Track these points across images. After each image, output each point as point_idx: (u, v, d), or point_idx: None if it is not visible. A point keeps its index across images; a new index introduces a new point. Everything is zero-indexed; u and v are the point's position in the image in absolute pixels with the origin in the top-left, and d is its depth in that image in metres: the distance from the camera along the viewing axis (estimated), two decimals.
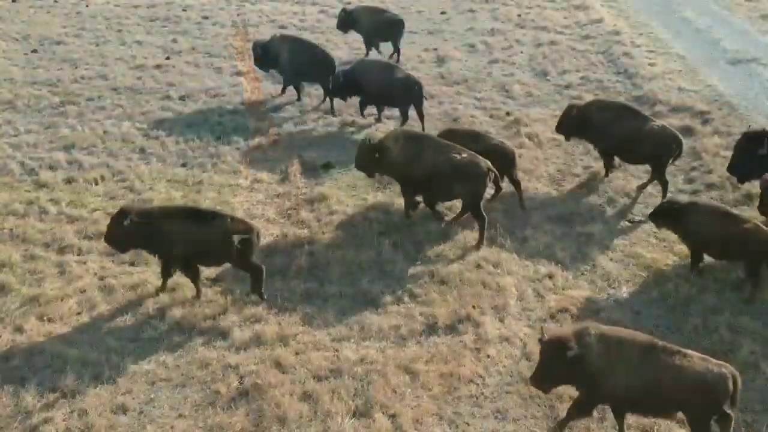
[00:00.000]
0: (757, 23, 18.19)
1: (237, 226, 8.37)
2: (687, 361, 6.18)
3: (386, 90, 12.79)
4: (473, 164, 9.45)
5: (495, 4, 20.31)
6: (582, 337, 6.30)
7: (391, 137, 10.08)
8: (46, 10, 20.33)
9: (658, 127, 10.67)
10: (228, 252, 8.33)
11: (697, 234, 8.73)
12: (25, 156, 12.21)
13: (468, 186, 9.47)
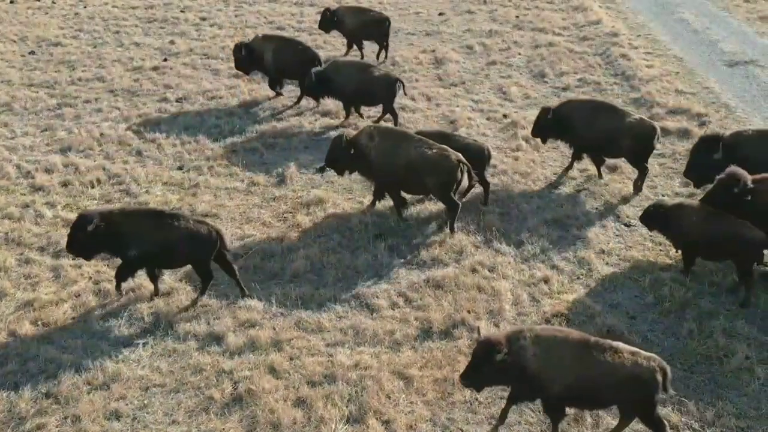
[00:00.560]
0: (755, 24, 18.18)
1: (199, 227, 8.35)
2: (618, 357, 6.34)
3: (367, 89, 12.80)
4: (444, 157, 9.58)
5: (493, 6, 20.32)
6: (516, 340, 6.40)
7: (365, 133, 10.12)
8: (44, 11, 20.38)
9: (636, 120, 10.82)
10: (189, 254, 8.37)
11: (687, 235, 8.73)
12: (22, 159, 12.20)
13: (439, 179, 9.60)
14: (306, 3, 20.77)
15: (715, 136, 9.81)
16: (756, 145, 9.59)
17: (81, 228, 8.15)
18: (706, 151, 9.69)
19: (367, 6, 18.04)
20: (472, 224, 10.16)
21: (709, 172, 9.47)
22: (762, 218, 8.45)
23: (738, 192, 8.40)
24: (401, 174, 9.80)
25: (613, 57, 16.19)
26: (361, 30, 16.16)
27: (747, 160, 9.12)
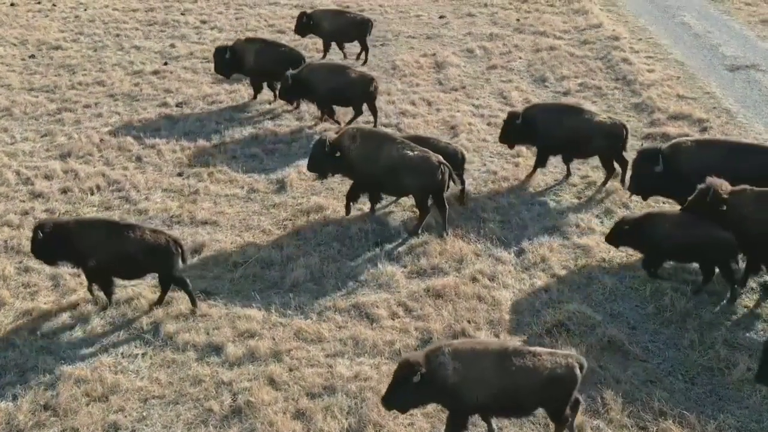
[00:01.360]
0: (756, 28, 18.15)
1: (157, 238, 8.35)
2: (538, 360, 6.41)
3: (342, 90, 12.84)
4: (425, 159, 9.69)
5: (494, 8, 20.30)
6: (435, 358, 6.37)
7: (347, 135, 10.16)
8: (44, 14, 20.35)
9: (606, 119, 11.06)
10: (148, 264, 8.40)
11: (660, 244, 8.72)
12: (21, 165, 12.18)
13: (419, 180, 9.73)
14: (306, 5, 20.69)
15: (654, 148, 9.79)
16: (695, 155, 9.55)
17: (36, 235, 8.31)
18: (646, 164, 9.67)
19: (344, 8, 18.08)
20: (473, 232, 10.14)
21: (653, 184, 9.61)
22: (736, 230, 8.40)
23: (712, 202, 8.36)
24: (382, 175, 9.85)
25: (614, 61, 16.16)
26: (341, 32, 16.19)
27: (687, 171, 9.23)
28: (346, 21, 16.24)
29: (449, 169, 9.84)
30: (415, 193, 10.02)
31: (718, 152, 9.53)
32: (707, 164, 9.14)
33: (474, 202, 10.92)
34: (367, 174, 10.02)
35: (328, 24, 16.17)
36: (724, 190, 8.43)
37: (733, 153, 9.51)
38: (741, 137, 12.11)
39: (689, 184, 8.97)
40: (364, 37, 16.26)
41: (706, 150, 9.63)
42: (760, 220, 8.31)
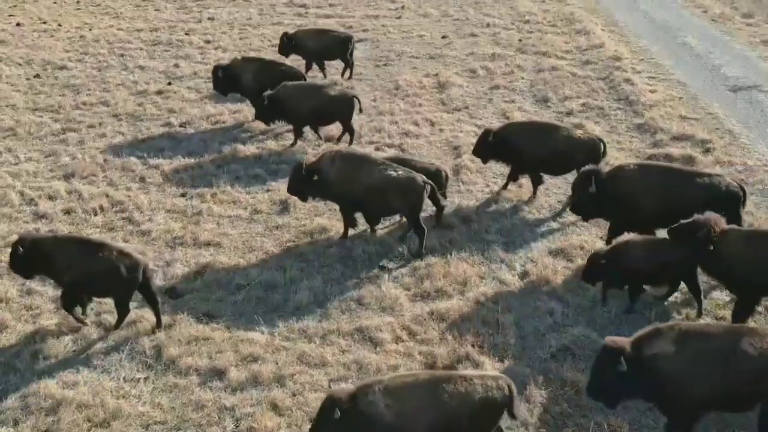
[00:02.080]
0: (758, 49, 18.23)
1: (123, 259, 8.36)
2: (470, 384, 6.37)
3: (324, 109, 12.98)
4: (409, 179, 9.77)
5: (496, 29, 20.43)
6: (364, 396, 6.23)
7: (326, 158, 10.18)
8: (49, 34, 20.53)
9: (584, 136, 11.30)
10: (115, 284, 8.40)
11: (638, 270, 8.65)
12: (25, 185, 12.19)
13: (406, 200, 9.79)
14: (310, 26, 20.85)
15: (590, 171, 9.78)
16: (634, 179, 9.55)
17: (15, 250, 8.44)
18: (584, 185, 9.72)
19: (327, 27, 18.31)
20: (477, 254, 10.11)
21: (591, 205, 9.71)
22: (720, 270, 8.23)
23: (702, 239, 8.08)
24: (364, 197, 9.89)
25: (616, 81, 16.22)
26: (325, 51, 16.36)
27: (626, 194, 9.39)
28: (330, 39, 16.43)
29: (434, 188, 9.95)
30: (402, 213, 10.11)
31: (658, 177, 9.55)
32: (645, 188, 9.34)
33: (477, 223, 10.90)
34: (348, 196, 10.04)
35: (312, 43, 16.39)
36: (717, 230, 8.12)
37: (672, 178, 9.52)
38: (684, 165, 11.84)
39: (627, 206, 9.36)
40: (348, 55, 16.42)
41: (647, 174, 9.62)
42: (747, 261, 8.00)
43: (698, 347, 6.50)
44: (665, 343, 6.51)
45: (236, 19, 21.74)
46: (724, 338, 6.59)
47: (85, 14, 22.55)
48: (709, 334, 6.66)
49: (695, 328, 6.80)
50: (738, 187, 9.46)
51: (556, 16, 21.48)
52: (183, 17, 21.99)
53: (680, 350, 6.47)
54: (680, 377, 6.47)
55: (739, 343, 6.49)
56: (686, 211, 8.94)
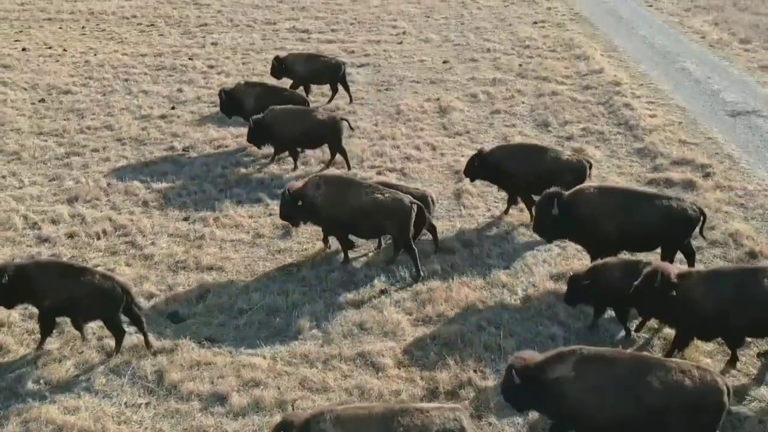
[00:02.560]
0: (756, 74, 18.41)
1: (105, 283, 8.44)
2: (426, 416, 6.32)
3: (312, 133, 13.18)
4: (397, 201, 9.90)
5: (496, 54, 20.65)
6: (315, 424, 6.23)
7: (311, 184, 10.33)
8: (54, 59, 20.74)
9: (572, 157, 11.53)
10: (96, 308, 8.49)
11: (620, 289, 8.51)
12: (29, 209, 12.25)
13: (395, 222, 9.90)
14: (312, 50, 21.09)
15: (552, 193, 9.86)
16: (593, 201, 9.66)
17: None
18: (546, 207, 9.81)
19: (318, 52, 18.60)
20: (478, 278, 10.13)
21: (554, 227, 9.83)
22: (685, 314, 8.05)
23: (660, 288, 7.91)
24: (352, 220, 10.02)
25: (615, 106, 16.36)
26: (315, 75, 16.61)
27: (585, 216, 9.55)
28: (320, 64, 16.63)
29: (421, 209, 10.07)
30: (392, 235, 10.21)
31: (617, 200, 9.65)
32: (605, 211, 9.47)
33: (479, 248, 10.93)
34: (336, 219, 10.17)
35: (301, 67, 16.63)
36: (673, 275, 7.97)
37: (631, 201, 9.62)
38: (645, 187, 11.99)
39: (588, 229, 9.56)
40: (337, 80, 16.63)
41: (606, 197, 9.73)
42: (709, 302, 7.88)
43: (598, 373, 6.59)
44: (566, 367, 6.61)
45: (239, 44, 22.00)
46: (626, 366, 6.64)
47: (90, 39, 22.81)
48: (611, 360, 6.70)
49: (597, 353, 6.82)
50: (697, 210, 9.58)
51: (555, 42, 21.73)
52: (187, 42, 22.25)
53: (580, 375, 6.56)
54: (579, 402, 6.56)
55: (642, 372, 6.54)
56: (646, 234, 9.30)
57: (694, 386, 6.45)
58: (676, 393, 6.42)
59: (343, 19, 24.74)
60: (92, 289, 8.41)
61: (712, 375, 6.59)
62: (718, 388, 6.50)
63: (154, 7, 26.87)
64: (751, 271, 8.12)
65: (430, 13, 25.56)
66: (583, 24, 24.06)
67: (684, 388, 6.43)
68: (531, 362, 6.77)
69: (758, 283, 7.82)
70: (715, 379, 6.54)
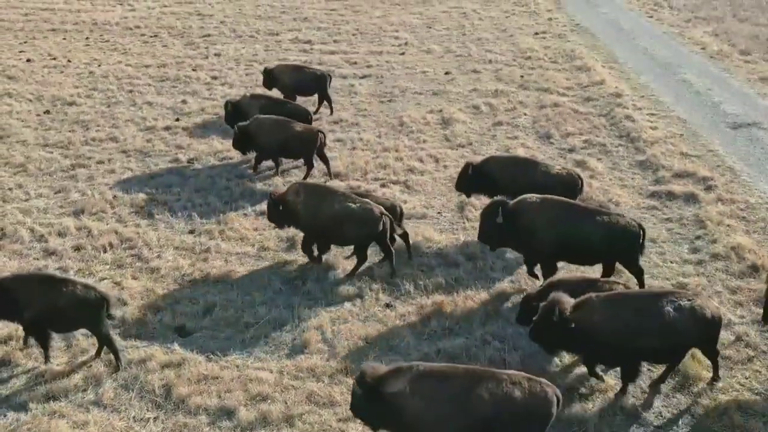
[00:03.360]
0: (756, 86, 18.53)
1: (88, 293, 8.57)
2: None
3: (289, 143, 13.56)
4: (368, 210, 10.32)
5: (498, 65, 20.78)
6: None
7: (291, 190, 10.83)
8: (59, 70, 20.87)
9: (562, 170, 11.55)
10: (78, 319, 8.64)
11: None
12: (35, 222, 12.33)
13: (363, 230, 10.35)
14: (315, 61, 21.23)
15: (496, 201, 10.04)
16: (535, 211, 9.82)
17: None
18: (491, 215, 9.95)
19: (304, 63, 18.87)
20: (482, 291, 10.20)
21: (498, 236, 9.97)
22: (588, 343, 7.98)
23: (558, 321, 7.89)
24: (327, 226, 10.46)
25: (617, 118, 16.47)
26: (301, 87, 16.87)
27: (527, 226, 9.71)
28: (305, 76, 16.89)
29: (391, 220, 10.40)
30: (355, 242, 10.59)
31: (557, 212, 9.80)
32: (545, 222, 9.67)
33: (483, 261, 11.01)
34: (314, 226, 10.61)
35: (288, 79, 16.91)
36: (568, 306, 7.92)
37: (571, 215, 9.77)
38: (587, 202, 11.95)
39: (528, 239, 9.75)
40: (324, 91, 16.88)
41: (547, 209, 9.86)
42: (607, 328, 7.83)
43: (432, 388, 6.75)
44: (402, 382, 6.77)
45: (242, 55, 22.13)
46: (458, 380, 6.79)
47: (94, 50, 22.95)
48: (444, 375, 6.86)
49: (432, 369, 6.98)
50: (637, 226, 9.71)
51: (556, 53, 21.87)
52: (190, 53, 22.39)
53: (414, 390, 6.71)
54: (414, 416, 6.73)
55: (474, 386, 6.70)
56: (584, 248, 9.49)
57: (522, 397, 6.67)
58: (505, 403, 6.63)
59: (345, 30, 24.90)
60: (74, 300, 8.53)
61: (542, 386, 6.80)
62: (546, 398, 6.74)
63: (157, 17, 27.04)
64: (653, 296, 8.09)
65: (432, 24, 25.72)
66: (583, 35, 24.21)
67: (513, 399, 6.64)
68: (373, 375, 6.92)
69: (658, 309, 7.81)
70: (545, 390, 6.77)
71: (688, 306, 7.87)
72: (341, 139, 15.75)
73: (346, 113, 17.22)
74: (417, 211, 12.56)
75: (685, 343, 8.03)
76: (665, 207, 12.58)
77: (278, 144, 13.64)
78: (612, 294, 8.25)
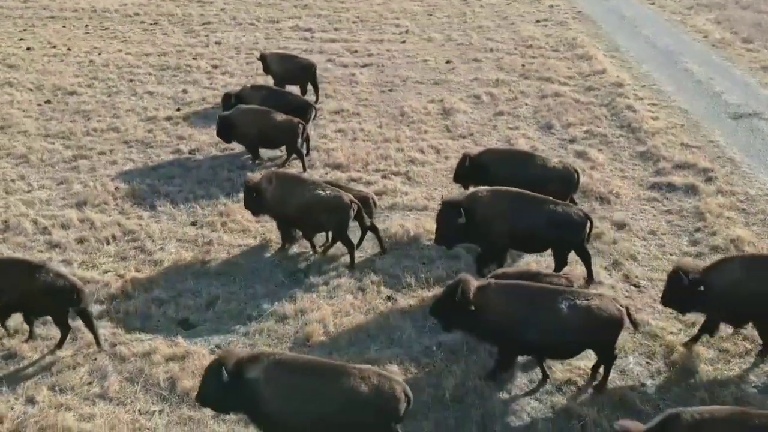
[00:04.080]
0: (758, 75, 18.48)
1: (59, 281, 8.74)
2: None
3: (269, 133, 13.71)
4: (337, 198, 10.59)
5: (499, 54, 20.72)
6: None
7: (264, 178, 11.02)
8: (59, 59, 20.82)
9: (559, 164, 11.58)
10: (49, 305, 8.82)
11: None
12: (38, 214, 12.40)
13: (334, 217, 10.59)
14: (315, 50, 21.22)
15: (456, 201, 10.06)
16: (488, 204, 9.94)
17: None
18: (450, 215, 9.97)
19: (294, 53, 18.86)
20: None
21: (457, 234, 10.00)
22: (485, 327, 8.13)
23: (460, 301, 8.00)
24: (298, 214, 10.70)
25: (618, 108, 16.45)
26: (288, 75, 16.99)
27: (482, 220, 9.82)
28: (292, 65, 17.01)
29: (359, 208, 10.64)
30: (331, 229, 10.92)
31: (507, 203, 9.96)
32: (496, 214, 9.82)
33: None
34: (285, 213, 10.84)
35: (276, 67, 17.09)
36: (472, 289, 8.04)
37: (520, 205, 9.93)
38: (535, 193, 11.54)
39: (482, 230, 9.84)
40: (312, 80, 17.01)
41: (497, 201, 10.00)
42: (508, 313, 7.98)
43: (283, 378, 6.92)
44: (258, 369, 6.92)
45: (243, 43, 22.07)
46: (308, 372, 6.96)
47: (93, 38, 22.88)
48: (298, 366, 7.05)
49: (289, 359, 7.19)
50: (583, 215, 9.95)
51: (558, 41, 21.79)
52: (190, 41, 22.32)
53: (268, 378, 6.89)
54: (266, 404, 6.91)
55: (323, 379, 6.89)
56: (534, 237, 9.72)
57: (369, 392, 6.81)
58: (352, 397, 6.77)
59: (346, 18, 24.80)
60: (45, 287, 8.68)
61: (391, 383, 6.93)
62: (393, 395, 6.87)
63: (156, 4, 26.93)
64: (550, 291, 8.07)
65: (433, 12, 25.61)
66: (585, 22, 24.10)
67: (359, 394, 6.78)
68: (232, 359, 7.04)
69: (550, 304, 7.87)
70: (393, 387, 6.90)
71: (584, 305, 7.85)
72: (342, 129, 15.77)
73: (348, 103, 17.22)
74: (418, 203, 12.61)
75: (575, 342, 8.01)
76: (665, 199, 12.64)
77: (258, 134, 13.80)
78: (511, 283, 8.30)
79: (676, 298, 8.71)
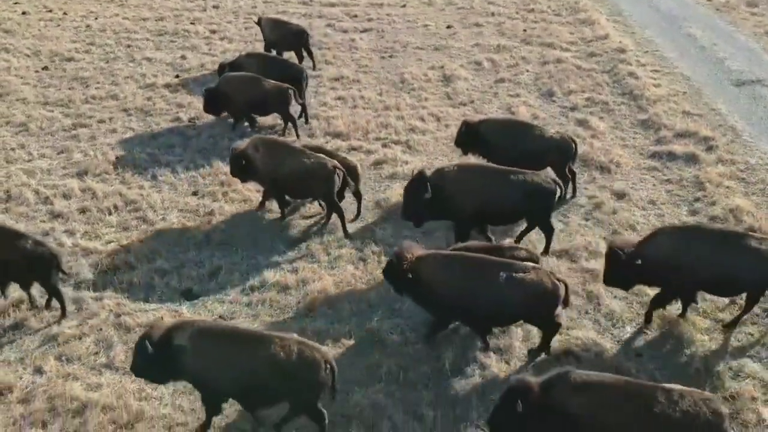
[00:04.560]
0: (762, 40, 18.29)
1: (38, 249, 8.94)
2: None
3: (260, 100, 13.65)
4: (321, 165, 10.68)
5: (501, 18, 20.46)
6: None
7: (251, 145, 11.11)
8: (55, 23, 20.57)
9: (556, 134, 11.62)
10: (28, 272, 9.02)
11: None
12: (40, 183, 12.43)
13: (320, 184, 10.70)
14: (315, 14, 20.95)
15: (422, 176, 10.04)
16: (455, 179, 9.97)
17: None
18: (417, 190, 9.99)
19: (286, 19, 18.65)
20: None
21: (424, 210, 10.01)
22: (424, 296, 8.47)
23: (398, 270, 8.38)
24: (283, 180, 10.84)
25: (620, 75, 16.33)
26: (280, 41, 16.90)
27: (450, 195, 9.84)
28: (284, 31, 16.91)
29: (344, 173, 10.71)
30: (318, 196, 11.05)
31: (474, 177, 10.02)
32: (464, 189, 9.86)
33: None
34: (274, 180, 10.95)
35: (268, 32, 16.97)
36: (410, 258, 8.35)
37: (487, 178, 10.02)
38: None
39: (452, 205, 9.87)
40: (305, 46, 16.91)
41: (464, 175, 10.05)
42: (443, 282, 8.23)
43: (208, 345, 7.18)
44: (184, 337, 7.20)
45: (241, 7, 21.76)
46: (233, 340, 7.22)
47: (90, 2, 22.55)
48: (223, 334, 7.34)
49: (213, 327, 7.52)
50: (552, 183, 10.05)
51: (560, 5, 21.49)
52: (188, 5, 22.00)
53: (194, 346, 7.16)
54: (193, 370, 7.24)
55: (245, 346, 7.12)
56: (505, 208, 9.80)
57: (289, 360, 7.02)
58: (272, 365, 7.00)
59: None
60: (25, 254, 8.86)
61: (312, 351, 7.15)
62: (313, 362, 7.09)
63: None
64: (489, 263, 8.18)
65: None
66: None
67: (279, 361, 6.99)
68: (159, 330, 7.30)
69: (486, 275, 8.03)
70: (314, 356, 7.11)
71: (520, 278, 7.99)
72: (342, 96, 15.68)
73: (348, 69, 17.07)
74: None
75: (507, 313, 8.24)
76: (665, 168, 12.65)
77: (246, 102, 13.74)
78: (450, 254, 8.52)
79: (617, 276, 8.86)
